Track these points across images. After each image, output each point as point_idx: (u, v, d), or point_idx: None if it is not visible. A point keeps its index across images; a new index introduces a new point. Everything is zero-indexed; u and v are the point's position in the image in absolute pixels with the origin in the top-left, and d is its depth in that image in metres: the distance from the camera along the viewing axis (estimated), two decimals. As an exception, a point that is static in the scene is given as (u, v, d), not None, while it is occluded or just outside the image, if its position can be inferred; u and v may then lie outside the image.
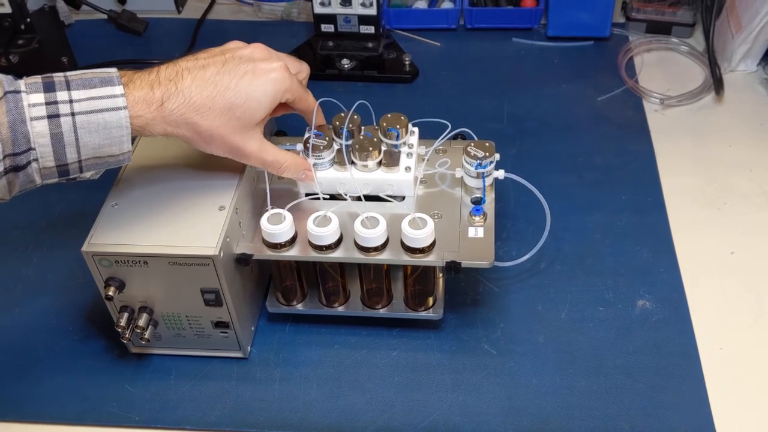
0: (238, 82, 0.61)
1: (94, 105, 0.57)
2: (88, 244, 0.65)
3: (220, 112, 0.60)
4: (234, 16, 1.21)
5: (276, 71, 0.63)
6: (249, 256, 0.68)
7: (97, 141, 0.57)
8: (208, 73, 0.61)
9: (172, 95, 0.59)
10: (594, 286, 0.78)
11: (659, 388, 0.69)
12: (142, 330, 0.69)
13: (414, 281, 0.72)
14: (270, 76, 0.63)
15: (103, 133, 0.57)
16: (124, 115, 0.57)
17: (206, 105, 0.60)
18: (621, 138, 0.95)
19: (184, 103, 0.59)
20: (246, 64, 0.62)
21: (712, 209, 0.86)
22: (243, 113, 0.62)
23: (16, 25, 1.08)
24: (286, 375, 0.72)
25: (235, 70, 0.61)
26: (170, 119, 0.60)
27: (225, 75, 0.61)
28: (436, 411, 0.69)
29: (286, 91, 0.64)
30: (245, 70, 0.62)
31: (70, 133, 0.56)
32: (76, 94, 0.56)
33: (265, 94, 0.62)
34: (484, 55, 1.10)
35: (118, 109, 0.57)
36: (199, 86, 0.60)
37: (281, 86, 0.64)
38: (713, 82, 0.99)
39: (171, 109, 0.59)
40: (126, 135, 0.58)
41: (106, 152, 0.58)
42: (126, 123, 0.57)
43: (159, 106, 0.59)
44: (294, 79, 0.66)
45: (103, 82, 0.57)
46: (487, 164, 0.70)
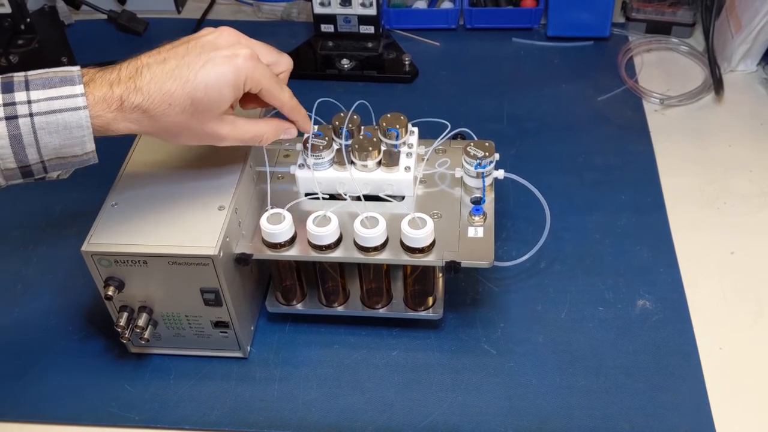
0: (197, 74, 0.58)
1: (53, 105, 0.55)
2: (87, 244, 0.65)
3: (181, 107, 0.58)
4: (234, 16, 1.21)
5: (237, 57, 0.60)
6: (249, 256, 0.68)
7: (57, 142, 0.56)
8: (167, 67, 0.58)
9: (132, 93, 0.57)
10: (594, 286, 0.78)
11: (659, 387, 0.69)
12: (142, 330, 0.69)
13: (414, 281, 0.72)
14: (231, 63, 0.59)
15: (64, 134, 0.56)
16: (84, 115, 0.56)
17: (166, 102, 0.58)
18: (621, 138, 0.95)
19: (144, 100, 0.57)
20: (208, 52, 0.59)
21: (711, 209, 0.86)
22: (206, 106, 0.59)
23: (16, 26, 1.08)
24: (285, 375, 0.72)
25: (195, 61, 0.59)
26: (131, 117, 0.58)
27: (184, 68, 0.58)
28: (435, 411, 0.69)
29: (249, 79, 0.60)
30: (206, 59, 0.59)
31: (29, 134, 0.55)
32: (35, 94, 0.55)
33: (226, 83, 0.59)
34: (483, 55, 1.10)
35: (77, 109, 0.56)
36: (158, 83, 0.58)
37: (242, 74, 0.60)
38: (713, 82, 0.99)
39: (131, 108, 0.57)
40: (87, 135, 0.57)
41: (68, 152, 0.57)
42: (86, 123, 0.56)
43: (119, 105, 0.57)
44: (261, 69, 0.61)
45: (63, 81, 0.56)
46: (486, 164, 0.70)
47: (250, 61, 0.60)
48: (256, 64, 0.61)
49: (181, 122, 0.59)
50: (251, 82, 0.61)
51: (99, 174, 0.66)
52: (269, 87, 0.63)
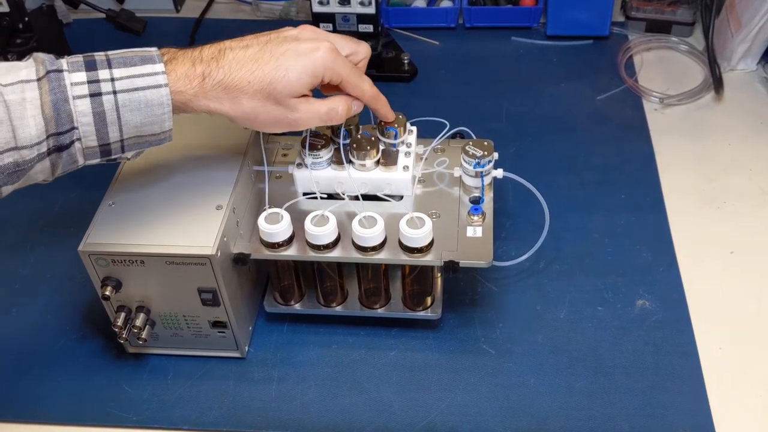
0: (278, 59, 0.60)
1: (135, 83, 0.56)
2: (84, 244, 0.65)
3: (260, 85, 0.60)
4: (233, 15, 1.21)
5: (318, 50, 0.62)
6: (246, 256, 0.68)
7: (138, 119, 0.57)
8: (250, 52, 0.60)
9: (213, 71, 0.59)
10: (593, 285, 0.78)
11: (658, 387, 0.69)
12: (139, 330, 0.68)
13: (412, 281, 0.72)
14: (312, 54, 0.61)
15: (145, 111, 0.57)
16: (165, 92, 0.57)
17: (246, 79, 0.59)
18: (620, 137, 0.95)
19: (225, 78, 0.59)
20: (290, 43, 0.62)
21: (711, 208, 0.85)
22: (283, 87, 0.60)
23: (14, 24, 1.08)
24: (283, 375, 0.72)
25: (277, 48, 0.61)
26: (212, 95, 0.59)
27: (266, 52, 0.61)
28: (434, 411, 0.69)
29: (327, 69, 0.62)
30: (287, 48, 0.61)
31: (112, 112, 0.56)
32: (117, 72, 0.56)
33: (304, 69, 0.61)
34: (483, 54, 1.10)
35: (159, 87, 0.57)
36: (239, 62, 0.60)
37: (321, 63, 0.61)
38: (713, 81, 0.99)
39: (212, 84, 0.59)
40: (167, 113, 0.58)
41: (147, 131, 0.58)
42: (167, 100, 0.57)
43: (201, 81, 0.59)
44: (341, 61, 0.63)
45: (143, 60, 0.57)
46: (485, 163, 0.70)
47: (331, 53, 0.62)
48: (336, 57, 0.63)
49: (259, 101, 0.60)
50: (331, 73, 0.62)
51: (97, 174, 0.66)
52: (349, 78, 0.64)
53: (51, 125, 0.55)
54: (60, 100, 0.55)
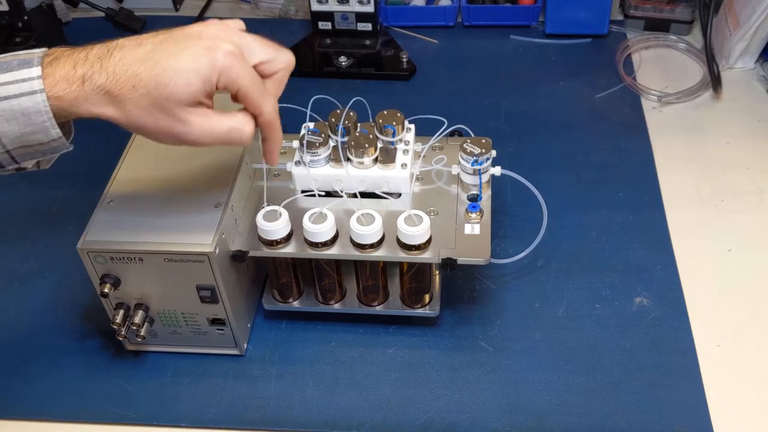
0: (169, 59, 0.53)
1: (9, 90, 0.52)
2: (83, 241, 0.65)
3: (144, 90, 0.53)
4: (231, 13, 1.21)
5: (217, 51, 0.54)
6: (244, 253, 0.68)
7: (17, 129, 0.53)
8: (141, 51, 0.54)
9: (96, 73, 0.53)
10: (591, 283, 0.78)
11: (656, 385, 0.69)
12: (138, 327, 0.68)
13: (410, 278, 0.72)
14: (208, 54, 0.54)
15: (22, 120, 0.53)
16: (41, 98, 0.52)
17: (130, 83, 0.53)
18: (618, 135, 0.95)
19: (108, 81, 0.53)
20: (189, 40, 0.55)
21: (709, 207, 0.85)
22: (170, 92, 0.53)
23: (14, 23, 1.08)
24: (282, 372, 0.72)
25: (172, 47, 0.54)
26: (93, 99, 0.53)
27: (158, 52, 0.54)
28: (432, 408, 0.69)
29: (223, 75, 0.54)
30: (185, 46, 0.54)
31: None
32: None
33: (196, 73, 0.53)
34: (481, 52, 1.10)
35: (33, 93, 0.52)
36: (126, 63, 0.53)
37: (216, 68, 0.54)
38: (711, 80, 0.99)
39: (93, 88, 0.53)
40: (48, 120, 0.53)
41: (32, 140, 0.54)
42: (44, 107, 0.52)
43: (80, 85, 0.53)
44: (241, 68, 0.55)
45: (21, 64, 0.53)
46: (483, 161, 0.70)
47: (230, 58, 0.54)
48: (235, 62, 0.55)
49: (145, 108, 0.54)
50: (226, 79, 0.55)
51: (95, 171, 0.66)
52: (246, 90, 0.56)
53: None
54: None
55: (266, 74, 0.59)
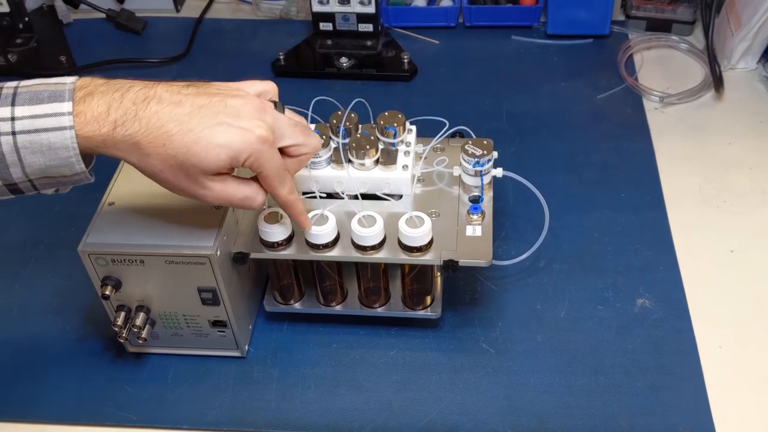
0: (203, 129, 0.54)
1: (37, 123, 0.52)
2: (84, 243, 0.64)
3: (173, 152, 0.54)
4: (233, 14, 1.21)
5: (251, 134, 0.55)
6: (246, 255, 0.68)
7: (42, 162, 0.53)
8: (177, 111, 0.54)
9: (129, 121, 0.53)
10: (593, 284, 0.78)
11: (658, 386, 0.69)
12: (139, 329, 0.68)
13: (411, 280, 0.72)
14: (241, 136, 0.55)
15: (48, 155, 0.53)
16: (70, 135, 0.52)
17: (161, 141, 0.54)
18: (620, 136, 0.95)
19: (139, 133, 0.53)
20: (226, 116, 0.55)
21: (711, 207, 0.85)
22: (199, 161, 0.54)
23: (15, 24, 1.08)
24: (283, 374, 0.72)
25: (209, 118, 0.55)
26: (121, 146, 0.54)
27: (195, 118, 0.54)
28: (434, 410, 0.68)
29: (251, 157, 0.56)
30: (220, 121, 0.55)
31: (11, 153, 0.52)
32: (19, 110, 0.52)
33: (227, 150, 0.55)
34: (483, 53, 1.10)
35: (63, 129, 0.52)
36: (161, 120, 0.54)
37: (246, 149, 0.55)
38: (713, 80, 0.99)
39: (123, 135, 0.53)
40: (74, 156, 0.53)
41: (56, 173, 0.54)
42: (72, 144, 0.52)
43: (111, 129, 0.53)
44: (269, 156, 0.57)
45: (52, 96, 0.53)
46: (485, 162, 0.70)
47: (261, 144, 0.56)
48: (265, 149, 0.57)
49: (170, 167, 0.55)
50: (253, 161, 0.57)
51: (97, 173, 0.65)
52: (268, 175, 0.59)
53: None
54: None
55: (292, 155, 0.61)
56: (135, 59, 1.11)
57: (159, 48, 1.14)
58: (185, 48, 1.13)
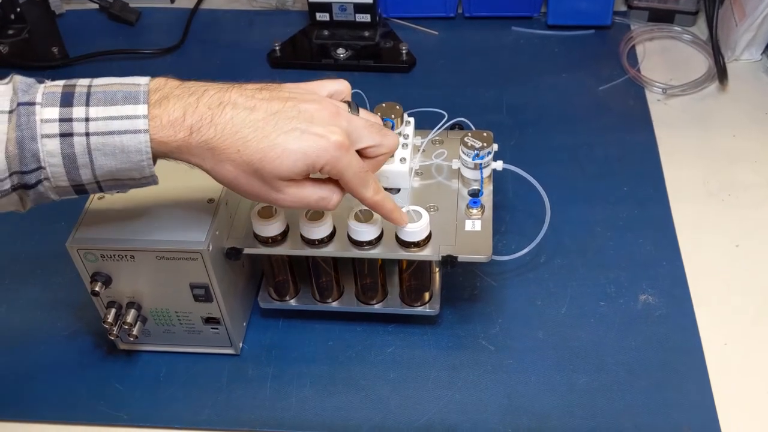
0: (278, 136, 0.53)
1: (111, 126, 0.51)
2: (72, 239, 0.63)
3: (248, 158, 0.53)
4: (228, 5, 1.19)
5: (327, 141, 0.54)
6: (239, 251, 0.66)
7: (113, 164, 0.52)
8: (253, 117, 0.53)
9: (204, 126, 0.53)
10: (595, 280, 0.76)
11: (662, 384, 0.68)
12: (130, 326, 0.67)
13: (409, 276, 0.70)
14: (317, 143, 0.54)
15: (120, 157, 0.52)
16: (144, 139, 0.52)
17: (236, 147, 0.53)
18: (622, 128, 0.93)
19: (214, 138, 0.53)
20: (301, 121, 0.54)
21: (716, 201, 0.84)
22: (274, 167, 0.54)
23: (6, 15, 1.07)
24: (278, 372, 0.71)
25: (284, 124, 0.54)
26: (196, 151, 0.53)
27: (270, 125, 0.53)
28: (432, 409, 0.67)
29: (328, 164, 0.55)
30: (295, 127, 0.54)
31: (83, 155, 0.52)
32: (94, 111, 0.51)
33: (303, 157, 0.54)
34: (482, 44, 1.08)
35: (137, 132, 0.51)
36: (236, 125, 0.53)
37: (323, 156, 0.54)
38: (717, 71, 0.97)
39: (198, 141, 0.53)
40: (146, 160, 0.52)
41: (125, 175, 0.54)
42: (146, 148, 0.52)
43: (187, 135, 0.52)
44: (347, 161, 0.56)
45: (126, 98, 0.52)
46: (484, 155, 0.68)
47: (338, 151, 0.55)
48: (342, 155, 0.55)
49: (244, 172, 0.54)
50: (330, 168, 0.55)
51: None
52: (349, 181, 0.57)
53: (14, 163, 0.51)
54: (26, 138, 0.50)
55: (370, 156, 0.60)
56: (128, 50, 1.09)
57: (153, 39, 1.12)
58: (180, 39, 1.11)
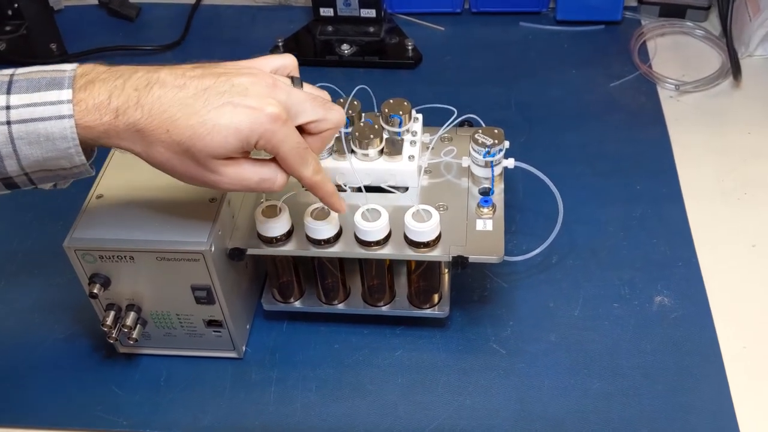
0: (209, 111, 0.51)
1: (34, 112, 0.49)
2: (70, 239, 0.61)
3: (178, 138, 0.51)
4: (230, 0, 1.17)
5: (261, 113, 0.51)
6: (242, 251, 0.64)
7: (39, 153, 0.50)
8: (182, 94, 0.51)
9: (131, 108, 0.50)
10: (609, 281, 0.74)
11: (679, 389, 0.66)
12: (130, 329, 0.65)
13: (418, 277, 0.68)
14: (251, 116, 0.51)
15: (46, 146, 0.50)
16: (69, 124, 0.50)
17: (164, 127, 0.51)
18: (634, 125, 0.91)
19: (143, 118, 0.51)
20: (233, 96, 0.52)
21: (731, 199, 0.82)
22: (205, 145, 0.51)
23: (3, 11, 1.05)
24: (282, 376, 0.69)
25: (215, 99, 0.51)
26: (124, 134, 0.51)
27: (199, 100, 0.51)
28: (442, 414, 0.65)
29: (263, 140, 0.52)
30: (227, 101, 0.51)
31: (6, 144, 0.50)
32: (15, 98, 0.49)
33: (235, 131, 0.51)
34: (490, 40, 1.06)
35: (62, 118, 0.49)
36: (164, 104, 0.51)
37: (257, 129, 0.51)
38: (731, 67, 0.95)
39: (125, 124, 0.51)
40: (74, 147, 0.50)
41: (54, 165, 0.51)
42: (71, 134, 0.50)
43: (113, 118, 0.50)
44: (283, 134, 0.53)
45: (50, 84, 0.50)
46: (495, 152, 0.66)
47: (273, 124, 0.52)
48: (278, 128, 0.52)
49: (176, 153, 0.52)
50: (266, 143, 0.53)
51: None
52: (286, 156, 0.54)
53: None
54: None
55: (313, 132, 0.57)
56: (128, 46, 1.07)
57: (153, 35, 1.11)
58: (181, 35, 1.09)
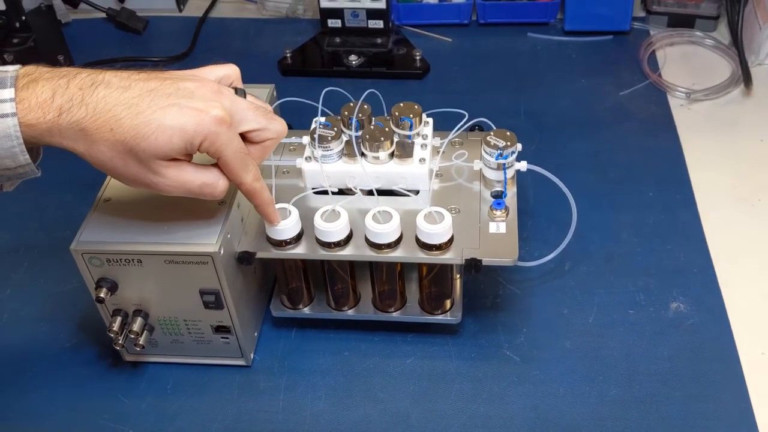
0: (155, 112, 0.51)
1: None
2: (77, 242, 0.60)
3: (121, 137, 0.51)
4: (237, 13, 1.17)
5: (205, 115, 0.52)
6: (251, 255, 0.63)
7: None
8: (126, 95, 0.51)
9: (75, 106, 0.51)
10: (623, 287, 0.73)
11: (697, 396, 0.64)
12: (137, 335, 0.64)
13: (430, 282, 0.67)
14: (195, 117, 0.52)
15: None
16: (13, 123, 0.50)
17: (108, 126, 0.51)
18: (645, 133, 0.91)
19: (85, 118, 0.51)
20: (179, 98, 0.52)
21: (745, 206, 0.81)
22: (147, 146, 0.51)
23: (11, 23, 1.05)
24: (291, 384, 0.68)
25: (160, 100, 0.52)
26: (67, 133, 0.51)
27: (145, 101, 0.51)
28: (455, 423, 0.64)
29: (207, 142, 0.52)
30: (172, 102, 0.52)
31: None
32: None
33: (179, 132, 0.51)
34: (498, 50, 1.06)
35: (5, 116, 0.50)
36: (109, 104, 0.51)
37: (201, 131, 0.52)
38: (742, 75, 0.95)
39: (68, 122, 0.51)
40: (17, 146, 0.50)
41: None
42: (15, 132, 0.50)
43: (56, 116, 0.50)
44: (227, 138, 0.53)
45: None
46: (508, 154, 0.66)
47: (217, 126, 0.52)
48: (222, 131, 0.53)
49: (118, 153, 0.52)
50: (209, 145, 0.53)
51: (93, 174, 0.61)
52: (228, 160, 0.54)
53: None
54: None
55: (254, 141, 0.57)
56: (135, 58, 1.08)
57: (160, 48, 1.11)
58: (188, 47, 1.09)
